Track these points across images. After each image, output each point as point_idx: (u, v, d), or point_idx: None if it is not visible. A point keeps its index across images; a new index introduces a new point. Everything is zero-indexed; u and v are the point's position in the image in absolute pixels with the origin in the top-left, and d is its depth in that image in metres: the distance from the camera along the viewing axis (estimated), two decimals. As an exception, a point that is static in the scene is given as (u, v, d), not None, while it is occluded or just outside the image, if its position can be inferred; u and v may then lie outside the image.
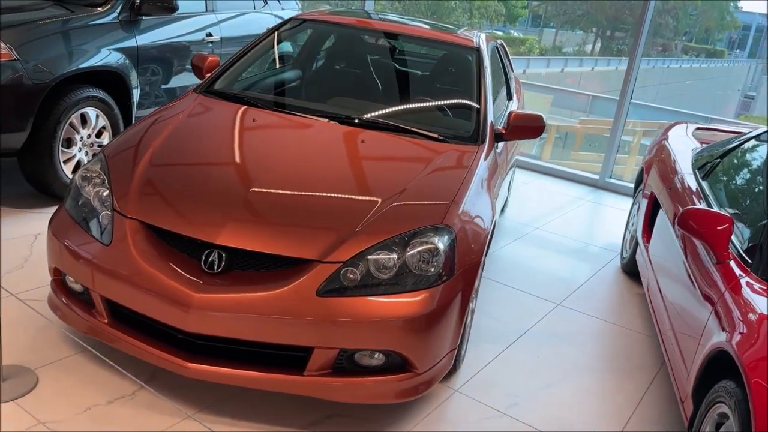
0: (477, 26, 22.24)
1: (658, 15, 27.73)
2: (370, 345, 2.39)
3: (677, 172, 3.82)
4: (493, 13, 22.94)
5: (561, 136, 9.93)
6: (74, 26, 4.26)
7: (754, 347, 2.04)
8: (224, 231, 2.42)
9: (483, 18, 22.20)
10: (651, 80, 26.88)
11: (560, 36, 30.48)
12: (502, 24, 30.60)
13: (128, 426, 2.41)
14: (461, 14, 19.79)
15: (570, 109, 11.08)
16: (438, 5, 18.73)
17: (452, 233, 2.59)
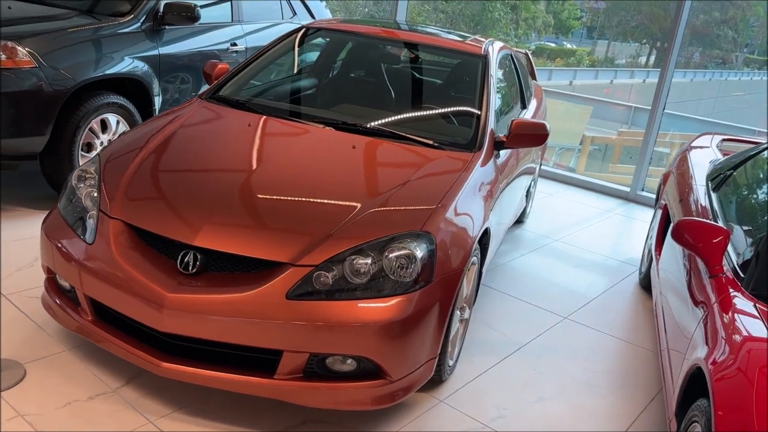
0: (523, 37, 22.04)
1: (716, 26, 26.87)
2: (341, 350, 2.38)
3: (691, 184, 3.68)
4: (542, 25, 22.66)
5: (600, 148, 9.72)
6: (98, 35, 4.41)
7: (727, 369, 1.94)
8: (201, 233, 2.45)
9: (530, 29, 21.97)
10: (708, 93, 26.07)
11: (614, 47, 29.86)
12: (554, 35, 30.21)
13: (105, 422, 2.45)
14: (506, 25, 19.62)
15: (611, 121, 10.83)
16: (482, 16, 18.64)
17: (432, 240, 2.56)
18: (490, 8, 18.58)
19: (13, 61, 3.91)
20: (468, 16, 18.61)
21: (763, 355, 1.91)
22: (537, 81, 5.69)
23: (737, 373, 1.86)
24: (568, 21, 30.52)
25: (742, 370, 1.86)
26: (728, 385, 1.85)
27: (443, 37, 4.11)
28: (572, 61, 23.08)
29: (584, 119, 9.94)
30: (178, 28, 4.95)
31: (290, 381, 2.40)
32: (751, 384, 1.80)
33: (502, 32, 19.48)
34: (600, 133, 10.05)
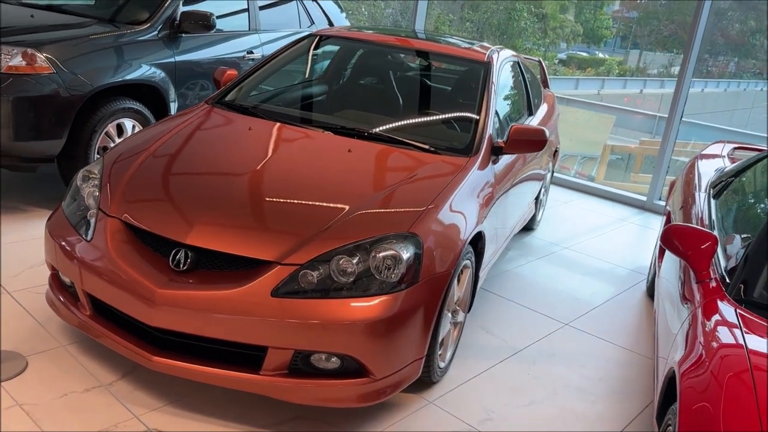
0: (552, 46, 21.91)
1: (752, 35, 26.36)
2: (324, 347, 2.43)
3: (693, 191, 3.66)
4: (570, 34, 22.51)
5: (623, 157, 9.63)
6: (115, 42, 4.56)
7: (698, 373, 1.93)
8: (192, 232, 2.53)
9: (559, 38, 21.84)
10: (743, 103, 25.54)
11: (646, 57, 29.50)
12: (585, 45, 29.96)
13: (98, 413, 2.54)
14: (532, 34, 19.54)
15: (635, 130, 10.72)
16: (508, 25, 18.60)
17: (419, 241, 2.60)
18: (516, 17, 18.56)
19: (33, 67, 4.07)
20: (494, 25, 18.59)
21: (735, 361, 1.90)
22: (549, 89, 5.70)
23: (707, 378, 1.86)
24: (599, 30, 30.28)
25: (714, 375, 1.86)
26: (696, 390, 1.85)
27: (448, 45, 4.15)
28: (602, 70, 22.87)
29: (607, 128, 9.86)
30: (194, 37, 5.07)
31: (276, 377, 2.46)
32: (720, 389, 1.79)
33: (529, 41, 19.41)
34: (624, 142, 9.96)
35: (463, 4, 18.49)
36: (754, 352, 1.94)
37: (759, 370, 1.84)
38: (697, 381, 1.88)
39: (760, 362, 1.88)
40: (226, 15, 5.61)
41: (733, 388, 1.76)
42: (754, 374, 1.78)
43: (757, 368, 1.84)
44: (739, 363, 1.85)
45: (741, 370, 1.82)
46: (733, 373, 1.83)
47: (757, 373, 1.81)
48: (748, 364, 1.82)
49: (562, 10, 22.34)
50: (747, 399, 1.70)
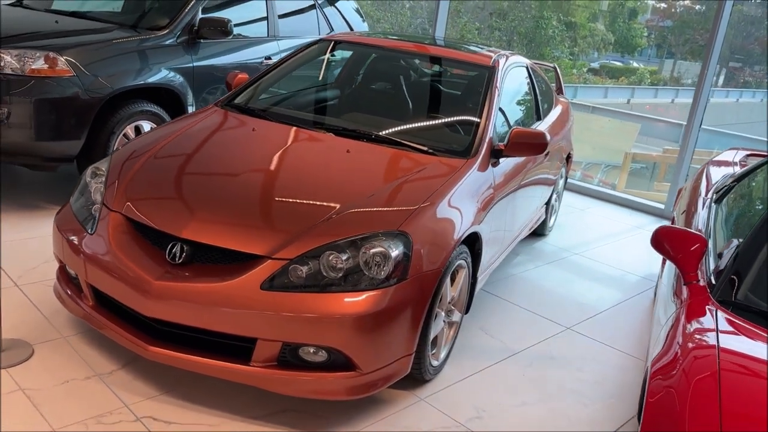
0: (582, 55, 21.72)
1: (790, 44, 25.74)
2: (311, 341, 2.49)
3: (698, 196, 3.64)
4: (601, 42, 22.31)
5: (648, 166, 9.52)
6: (135, 47, 4.71)
7: (666, 373, 1.94)
8: (189, 226, 2.62)
9: (590, 47, 21.66)
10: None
11: (681, 66, 29.03)
12: (619, 54, 29.63)
13: (95, 399, 2.64)
14: (560, 42, 19.41)
15: (661, 139, 10.60)
16: (535, 33, 18.53)
17: (408, 239, 2.65)
18: (543, 25, 18.48)
19: (54, 70, 4.24)
20: (522, 33, 18.54)
21: (705, 363, 1.90)
22: (564, 95, 5.70)
23: (674, 378, 1.86)
24: (633, 40, 29.95)
25: (681, 376, 1.86)
26: (662, 389, 1.86)
27: (454, 49, 4.21)
28: (633, 79, 22.61)
29: (632, 137, 9.77)
30: (213, 43, 5.21)
31: (265, 369, 2.53)
32: (685, 390, 1.80)
33: (557, 49, 19.30)
34: (650, 150, 9.86)
35: (492, 13, 18.51)
36: (728, 353, 1.93)
37: (728, 371, 1.84)
38: (664, 381, 1.88)
39: (731, 365, 1.88)
40: (246, 23, 5.76)
41: (699, 391, 1.76)
42: (721, 376, 1.78)
43: (726, 370, 1.84)
44: (708, 365, 1.85)
45: (709, 372, 1.82)
46: (700, 375, 1.83)
47: (726, 374, 1.81)
48: (716, 367, 1.82)
49: (592, 19, 22.18)
50: (710, 402, 1.71)
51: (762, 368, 1.87)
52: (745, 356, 1.95)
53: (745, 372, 1.86)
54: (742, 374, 1.84)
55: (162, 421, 2.57)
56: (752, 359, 1.93)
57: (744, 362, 1.91)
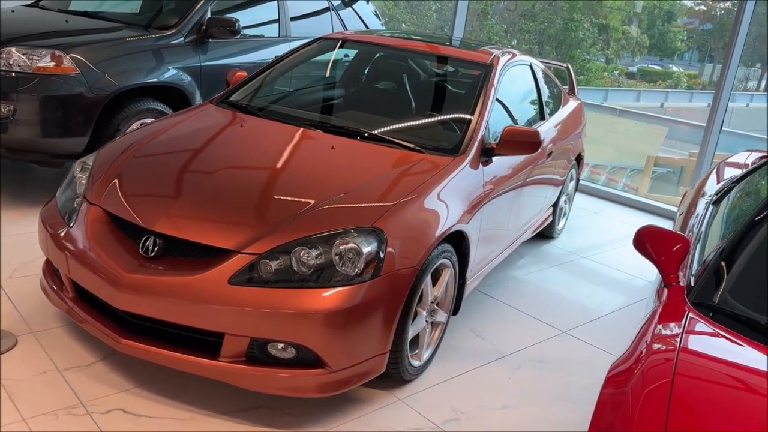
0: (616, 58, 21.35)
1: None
2: (279, 336, 2.47)
3: (699, 198, 3.52)
4: (636, 45, 21.86)
5: (675, 170, 9.28)
6: (142, 46, 4.77)
7: (620, 377, 1.85)
8: (162, 219, 2.63)
9: (624, 50, 21.24)
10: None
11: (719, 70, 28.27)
12: (657, 57, 29.03)
13: (71, 391, 2.66)
14: (591, 45, 19.08)
15: (689, 143, 10.30)
16: (565, 35, 18.24)
17: (382, 236, 2.61)
18: (573, 27, 18.19)
19: (60, 68, 4.31)
20: (551, 35, 18.28)
21: (662, 371, 1.81)
22: (577, 96, 5.58)
23: (626, 382, 1.78)
24: (672, 43, 29.32)
25: (634, 381, 1.77)
26: (613, 391, 1.79)
27: (452, 47, 4.15)
28: (669, 83, 22.09)
29: (659, 140, 9.54)
30: (222, 43, 5.25)
31: (233, 364, 2.51)
32: (638, 397, 1.71)
33: (587, 52, 18.98)
34: (678, 154, 9.61)
35: (522, 15, 18.31)
36: (689, 358, 1.84)
37: (684, 377, 1.74)
38: (616, 383, 1.81)
39: (690, 370, 1.78)
40: (257, 25, 5.80)
41: (650, 397, 1.68)
42: (675, 383, 1.69)
43: (683, 375, 1.75)
44: (663, 373, 1.75)
45: (661, 382, 1.72)
46: (652, 385, 1.73)
47: (680, 379, 1.71)
48: (671, 373, 1.73)
49: (627, 21, 21.77)
50: (658, 410, 1.62)
51: (721, 375, 1.78)
52: (706, 363, 1.86)
53: (701, 380, 1.76)
54: (697, 382, 1.74)
55: (132, 414, 2.58)
56: (713, 366, 1.84)
57: (703, 369, 1.81)
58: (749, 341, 1.91)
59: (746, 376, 1.78)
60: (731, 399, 1.68)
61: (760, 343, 1.91)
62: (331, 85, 4.27)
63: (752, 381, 1.74)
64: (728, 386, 1.73)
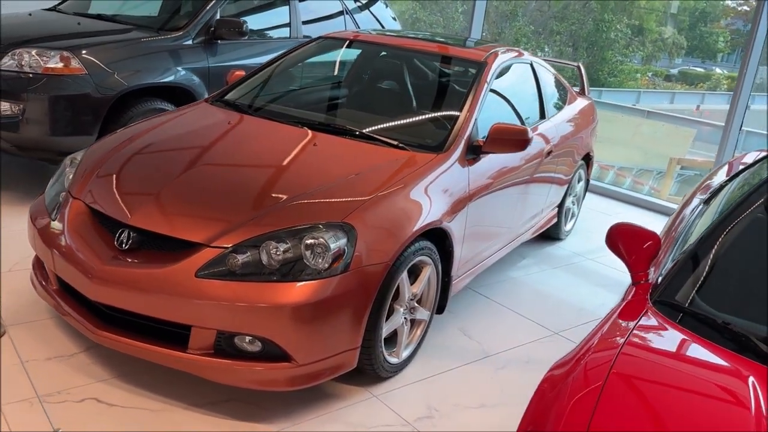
0: (652, 59, 20.90)
1: None
2: (244, 330, 2.49)
3: (694, 197, 3.43)
4: (673, 46, 21.37)
5: (702, 172, 9.02)
6: (150, 47, 4.88)
7: (553, 377, 1.81)
8: (136, 214, 2.68)
9: (660, 51, 20.77)
10: None
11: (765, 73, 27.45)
12: (699, 59, 28.34)
13: (49, 379, 2.73)
14: (623, 47, 18.70)
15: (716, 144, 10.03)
16: (596, 36, 17.92)
17: (352, 231, 2.61)
18: (604, 28, 17.86)
19: (69, 69, 4.44)
20: (582, 36, 18.00)
21: (599, 366, 1.77)
22: (588, 96, 5.50)
23: (563, 379, 1.75)
24: (715, 44, 28.61)
25: (568, 380, 1.74)
26: (546, 388, 1.75)
27: (447, 45, 4.14)
28: (708, 85, 21.53)
29: (687, 142, 9.31)
30: (231, 44, 5.33)
31: (201, 356, 2.54)
32: (569, 394, 1.67)
33: (619, 53, 18.63)
34: (698, 156, 9.37)
35: (553, 16, 18.09)
36: (630, 357, 1.79)
37: (619, 375, 1.69)
38: (553, 379, 1.77)
39: (627, 368, 1.73)
40: (269, 28, 5.87)
41: (580, 395, 1.64)
42: (608, 381, 1.64)
43: (618, 374, 1.69)
44: (599, 371, 1.71)
45: (596, 379, 1.68)
46: (587, 380, 1.70)
47: (614, 378, 1.66)
48: (607, 371, 1.68)
49: (663, 22, 21.30)
50: (586, 407, 1.58)
51: (658, 373, 1.73)
52: (646, 362, 1.80)
53: (635, 378, 1.71)
54: (630, 381, 1.68)
55: (105, 404, 2.63)
56: (652, 365, 1.78)
57: (640, 368, 1.75)
58: (700, 339, 1.86)
59: (684, 376, 1.72)
60: (661, 398, 1.63)
61: (713, 342, 1.85)
62: (325, 83, 4.30)
63: (689, 380, 1.69)
64: (662, 384, 1.68)
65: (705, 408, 1.58)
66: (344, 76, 4.26)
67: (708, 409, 1.57)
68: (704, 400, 1.61)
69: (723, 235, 2.24)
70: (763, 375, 1.70)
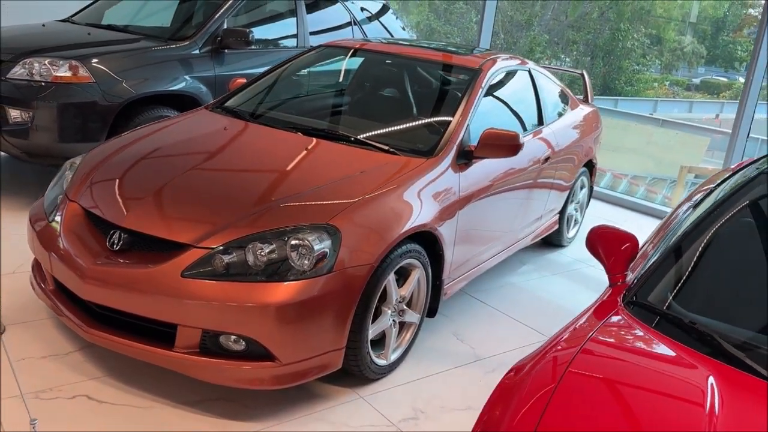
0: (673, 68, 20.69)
1: None
2: (228, 329, 2.54)
3: (687, 202, 3.43)
4: (692, 56, 21.17)
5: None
6: (158, 56, 4.99)
7: (511, 376, 1.82)
8: (129, 215, 2.76)
9: (679, 60, 20.59)
10: None
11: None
12: (722, 68, 28.05)
13: (43, 377, 2.80)
14: (640, 56, 18.56)
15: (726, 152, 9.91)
16: (612, 45, 17.81)
17: (336, 232, 2.66)
18: (620, 37, 17.76)
19: (77, 77, 4.56)
20: (599, 46, 17.92)
21: (556, 364, 1.78)
22: (592, 103, 5.50)
23: (522, 377, 1.76)
24: (738, 53, 28.31)
25: (531, 375, 1.75)
26: (504, 385, 1.77)
27: (443, 52, 4.18)
28: (729, 94, 21.27)
29: (700, 151, 9.24)
30: (237, 53, 5.43)
31: (187, 355, 2.60)
32: (524, 392, 1.69)
33: (636, 62, 18.50)
34: (711, 164, 9.28)
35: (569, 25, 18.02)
36: (589, 356, 1.80)
37: (575, 374, 1.70)
38: (511, 377, 1.79)
39: (583, 367, 1.74)
40: (276, 39, 5.98)
41: (533, 393, 1.65)
42: (563, 380, 1.66)
43: (574, 373, 1.71)
44: (556, 369, 1.73)
45: (551, 377, 1.70)
46: (542, 378, 1.71)
47: (569, 376, 1.67)
48: (563, 370, 1.70)
49: (682, 31, 21.13)
50: (538, 405, 1.60)
51: (615, 372, 1.74)
52: (604, 360, 1.82)
53: (591, 377, 1.72)
54: (585, 380, 1.69)
55: (96, 401, 2.70)
56: (610, 364, 1.80)
57: (597, 367, 1.76)
58: (665, 338, 1.87)
59: (642, 374, 1.74)
60: (615, 396, 1.64)
61: (679, 342, 1.86)
62: (324, 91, 4.36)
63: (646, 379, 1.70)
64: (619, 383, 1.69)
65: (658, 406, 1.58)
66: (343, 83, 4.32)
67: (661, 407, 1.58)
68: (659, 399, 1.62)
69: (696, 239, 2.25)
70: (724, 374, 1.71)
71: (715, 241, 2.22)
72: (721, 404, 1.57)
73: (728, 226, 2.25)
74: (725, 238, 2.24)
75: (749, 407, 1.60)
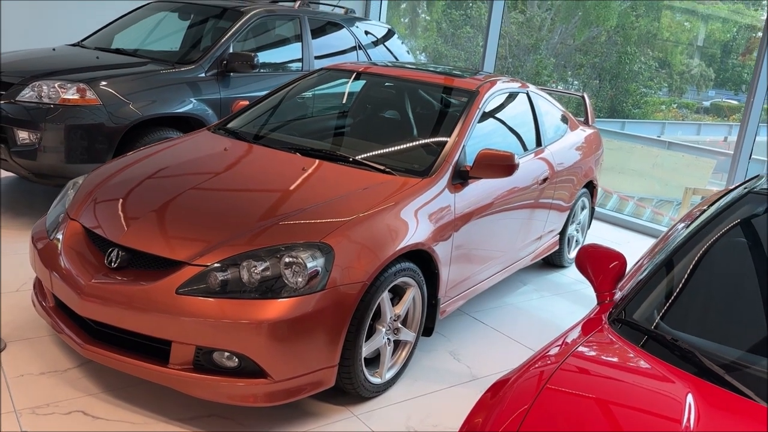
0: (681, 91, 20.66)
1: None
2: (221, 345, 2.57)
3: (686, 220, 3.44)
4: (700, 78, 21.19)
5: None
6: (164, 79, 5.09)
7: (493, 389, 1.84)
8: (127, 233, 2.81)
9: (687, 83, 20.61)
10: None
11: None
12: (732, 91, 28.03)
13: (40, 393, 2.84)
14: (647, 79, 18.58)
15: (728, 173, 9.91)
16: (620, 68, 17.87)
17: (329, 250, 2.69)
18: (626, 60, 17.83)
19: (84, 100, 4.66)
20: (606, 69, 17.99)
21: (537, 378, 1.80)
22: (593, 125, 5.53)
23: (505, 391, 1.78)
24: (743, 75, 28.29)
25: (513, 389, 1.77)
26: (487, 398, 1.79)
27: (442, 75, 4.25)
28: (738, 116, 21.25)
29: (707, 173, 9.23)
30: (243, 77, 5.54)
31: (181, 371, 2.63)
32: (506, 406, 1.71)
33: (643, 85, 18.52)
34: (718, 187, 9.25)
35: (577, 48, 18.13)
36: (569, 369, 1.82)
37: (553, 389, 1.72)
38: (494, 390, 1.81)
39: (562, 382, 1.76)
40: (281, 63, 6.09)
41: (513, 407, 1.67)
42: (541, 393, 1.68)
43: (552, 388, 1.72)
44: (535, 383, 1.75)
45: (530, 391, 1.72)
46: (522, 392, 1.73)
47: (547, 392, 1.69)
48: (542, 384, 1.72)
49: (691, 53, 21.16)
50: (516, 419, 1.61)
51: (592, 388, 1.75)
52: (583, 375, 1.83)
53: (568, 393, 1.73)
54: (562, 395, 1.71)
55: (91, 416, 2.73)
56: (589, 379, 1.81)
57: (576, 382, 1.78)
58: (647, 355, 1.88)
59: (621, 390, 1.75)
60: (593, 412, 1.65)
61: (660, 358, 1.87)
62: (325, 113, 4.43)
63: (624, 395, 1.72)
64: (596, 400, 1.71)
65: (634, 422, 1.60)
66: (343, 105, 4.38)
67: (637, 422, 1.60)
68: (635, 414, 1.63)
69: (682, 258, 2.27)
70: (703, 390, 1.72)
71: (700, 259, 2.24)
72: (697, 420, 1.58)
73: (714, 245, 2.27)
74: (710, 256, 2.25)
75: (727, 424, 1.61)
